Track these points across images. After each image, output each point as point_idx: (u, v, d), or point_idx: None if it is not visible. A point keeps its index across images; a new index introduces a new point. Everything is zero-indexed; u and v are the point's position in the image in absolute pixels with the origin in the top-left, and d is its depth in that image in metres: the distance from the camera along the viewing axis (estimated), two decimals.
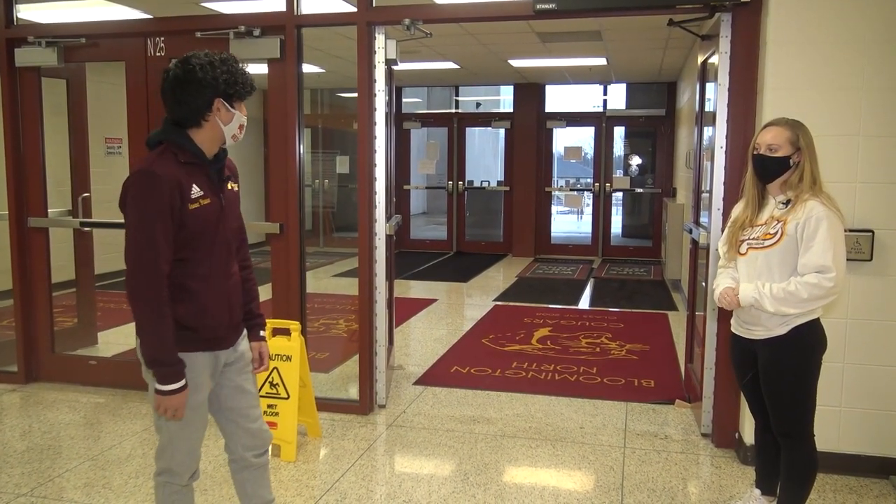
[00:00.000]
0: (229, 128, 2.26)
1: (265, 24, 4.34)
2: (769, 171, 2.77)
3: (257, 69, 6.56)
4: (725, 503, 3.28)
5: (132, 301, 2.18)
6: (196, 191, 2.20)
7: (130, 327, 5.12)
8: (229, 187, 2.36)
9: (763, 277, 2.74)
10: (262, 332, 2.59)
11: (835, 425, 3.58)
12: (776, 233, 2.71)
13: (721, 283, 2.93)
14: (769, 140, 2.75)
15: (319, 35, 6.54)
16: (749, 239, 2.82)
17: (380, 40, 4.27)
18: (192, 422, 2.35)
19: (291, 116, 4.33)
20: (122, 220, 2.19)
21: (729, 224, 2.99)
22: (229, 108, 2.24)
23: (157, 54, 4.62)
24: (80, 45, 4.71)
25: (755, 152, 2.80)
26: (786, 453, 2.84)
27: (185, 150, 2.22)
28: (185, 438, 2.37)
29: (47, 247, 4.98)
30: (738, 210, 2.96)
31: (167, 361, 2.19)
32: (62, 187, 5.42)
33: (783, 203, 2.76)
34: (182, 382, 2.21)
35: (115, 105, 4.91)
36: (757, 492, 3.08)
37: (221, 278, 2.32)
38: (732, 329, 2.97)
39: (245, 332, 2.52)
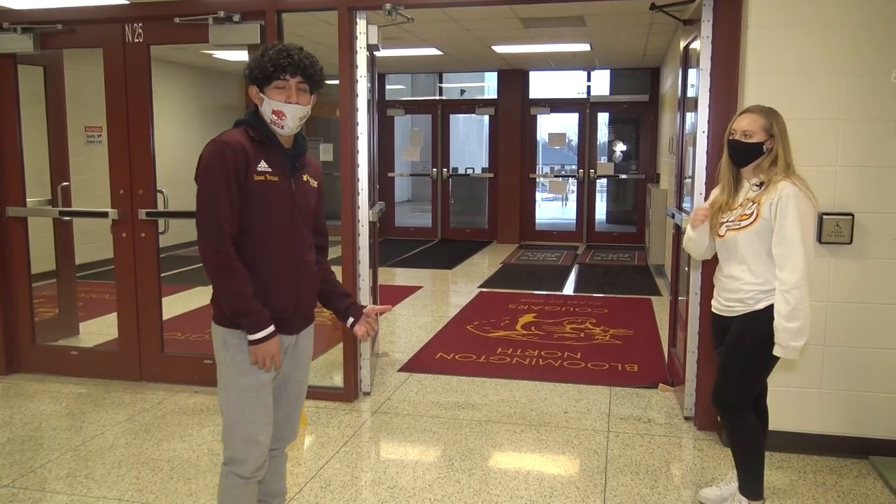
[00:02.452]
0: (264, 112, 2.31)
1: (245, 10, 4.29)
2: (743, 156, 2.85)
3: (238, 55, 6.50)
4: (708, 484, 3.31)
5: (204, 262, 2.24)
6: (264, 165, 2.28)
7: (112, 317, 5.11)
8: (304, 178, 2.42)
9: (740, 258, 2.84)
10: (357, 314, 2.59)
11: (815, 407, 3.62)
12: (751, 213, 2.80)
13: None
14: (744, 126, 2.83)
15: (300, 21, 6.47)
16: (727, 221, 2.89)
17: (361, 26, 4.24)
18: (252, 403, 2.33)
19: None
20: (100, 210, 2.19)
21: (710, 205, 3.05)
22: (259, 92, 2.30)
23: (136, 40, 4.56)
24: (57, 31, 4.64)
25: (730, 138, 2.88)
26: (726, 425, 2.99)
27: (255, 128, 2.32)
28: (245, 422, 2.33)
29: (26, 236, 4.92)
30: (715, 193, 3.04)
31: (250, 311, 2.23)
32: (41, 176, 5.35)
33: (757, 185, 2.85)
34: (271, 328, 2.26)
35: (95, 93, 4.84)
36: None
37: (288, 261, 2.34)
38: (713, 308, 3.03)
39: (311, 328, 2.55)
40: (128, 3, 4.55)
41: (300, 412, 2.60)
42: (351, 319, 2.56)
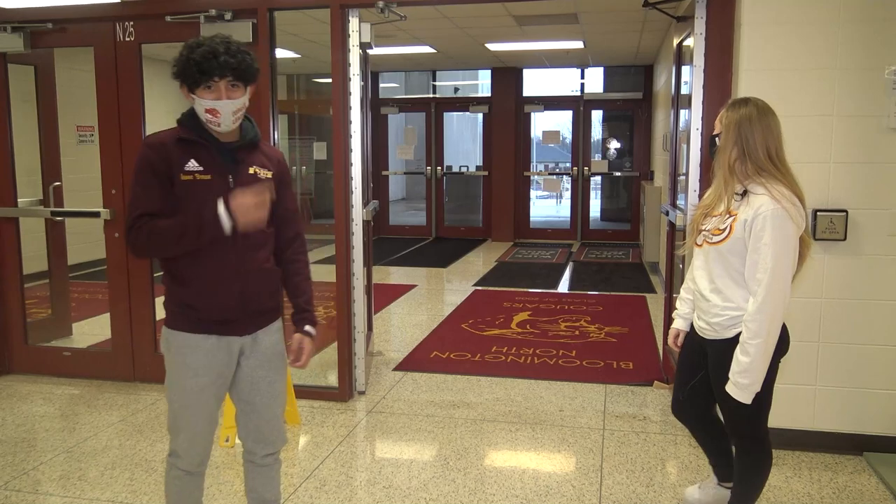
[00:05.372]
0: (198, 112, 2.24)
1: (237, 8, 4.27)
2: (711, 152, 2.62)
3: None
4: (703, 482, 3.31)
5: (128, 245, 2.24)
6: (193, 164, 2.21)
7: (105, 318, 5.08)
8: (250, 171, 2.31)
9: (711, 274, 2.57)
10: (307, 327, 2.47)
11: (810, 403, 3.63)
12: (725, 229, 2.49)
13: (679, 311, 2.86)
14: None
15: (293, 19, 6.46)
16: (705, 230, 2.60)
17: (354, 23, 4.22)
18: (191, 406, 2.32)
19: (265, 101, 4.27)
20: (91, 210, 2.19)
21: (696, 209, 2.76)
22: (189, 93, 2.22)
23: (127, 39, 4.53)
24: (47, 30, 4.61)
25: None
26: (739, 455, 2.71)
27: (185, 126, 2.27)
28: (187, 421, 2.34)
29: (17, 237, 4.89)
30: (706, 195, 2.73)
31: (194, 228, 2.16)
32: (32, 176, 5.32)
33: (738, 194, 2.51)
34: (219, 208, 2.16)
35: (86, 92, 4.82)
36: (714, 479, 3.02)
37: (228, 261, 2.26)
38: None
39: (274, 325, 2.46)
40: (118, 1, 4.52)
41: (282, 415, 2.53)
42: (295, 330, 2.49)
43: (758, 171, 2.47)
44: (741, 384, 2.47)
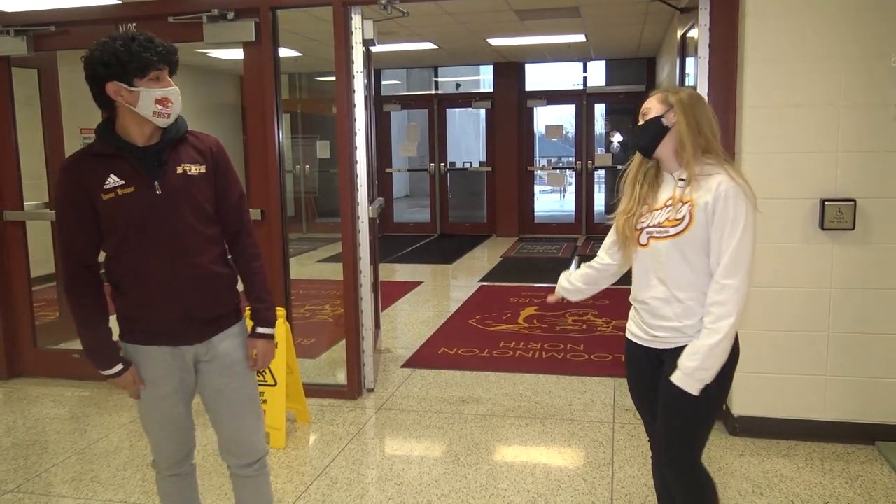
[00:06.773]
0: (142, 107, 2.07)
1: (239, 7, 4.26)
2: (645, 139, 2.26)
3: (233, 54, 6.45)
4: (714, 474, 3.30)
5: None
6: (114, 180, 2.09)
7: (112, 319, 5.06)
8: (178, 171, 2.15)
9: (667, 275, 2.22)
10: (258, 329, 2.36)
11: (820, 394, 3.62)
12: (683, 217, 2.15)
13: (570, 276, 2.69)
14: (642, 108, 2.28)
15: (295, 17, 6.45)
16: (649, 226, 2.24)
17: (356, 21, 4.22)
18: (148, 414, 2.34)
19: (269, 101, 4.27)
20: None
21: (618, 217, 2.44)
22: (129, 88, 2.06)
23: None
24: (50, 32, 4.61)
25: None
26: (682, 484, 2.34)
27: (102, 140, 2.14)
28: (148, 430, 2.39)
29: (25, 240, 4.90)
30: (623, 201, 2.46)
31: (92, 348, 2.24)
32: (38, 180, 5.33)
33: (683, 180, 2.20)
34: (117, 367, 2.23)
35: (90, 95, 4.81)
36: None
37: (166, 272, 2.15)
38: (630, 337, 2.48)
39: (233, 330, 2.33)
40: (120, 3, 4.52)
41: (256, 423, 2.39)
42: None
43: (704, 153, 2.19)
44: (691, 368, 2.10)
